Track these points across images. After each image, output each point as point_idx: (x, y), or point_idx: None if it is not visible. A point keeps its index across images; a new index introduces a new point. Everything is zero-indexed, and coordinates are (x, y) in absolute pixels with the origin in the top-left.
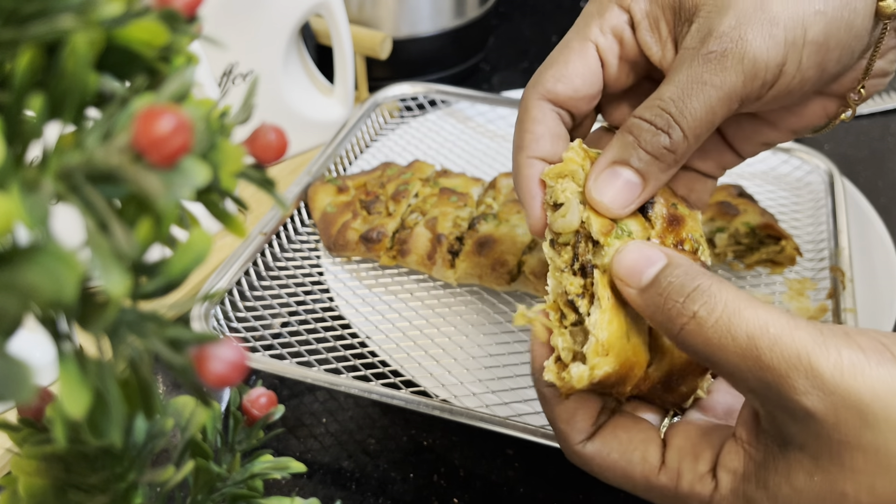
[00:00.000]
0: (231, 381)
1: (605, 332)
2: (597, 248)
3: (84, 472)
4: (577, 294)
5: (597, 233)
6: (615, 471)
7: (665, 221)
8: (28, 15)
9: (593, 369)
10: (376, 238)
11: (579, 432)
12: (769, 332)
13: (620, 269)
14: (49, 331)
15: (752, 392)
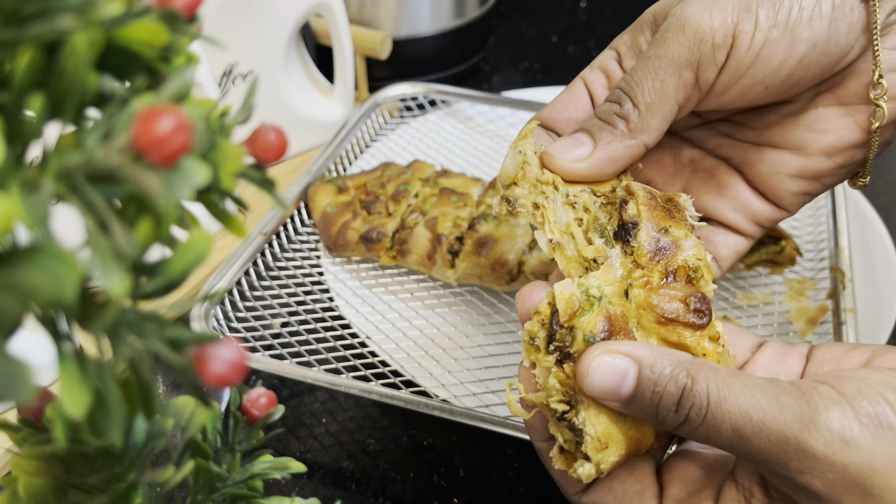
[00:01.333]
0: (231, 381)
1: (596, 426)
2: (569, 332)
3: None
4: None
5: (561, 317)
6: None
7: (650, 254)
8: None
9: (599, 464)
10: (376, 238)
11: (575, 485)
12: (752, 420)
13: (595, 391)
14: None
15: (756, 467)
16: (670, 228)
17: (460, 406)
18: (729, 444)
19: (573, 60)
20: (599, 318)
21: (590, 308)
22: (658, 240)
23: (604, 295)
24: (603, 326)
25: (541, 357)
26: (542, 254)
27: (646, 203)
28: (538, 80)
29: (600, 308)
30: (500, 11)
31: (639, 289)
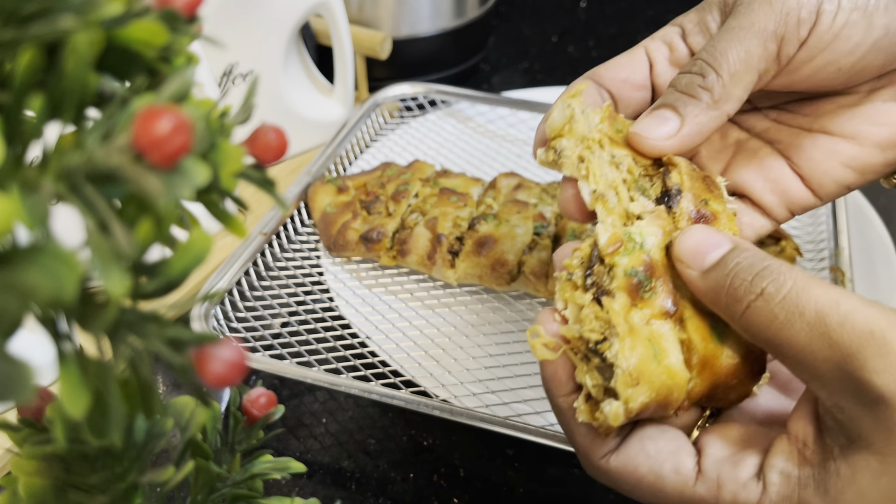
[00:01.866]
0: (231, 381)
1: (629, 359)
2: (608, 270)
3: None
4: (598, 339)
5: (602, 250)
6: (644, 486)
7: (691, 221)
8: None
9: (628, 402)
10: (376, 238)
11: (603, 446)
12: (839, 308)
13: (682, 250)
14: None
15: (817, 379)
16: (709, 201)
17: (460, 406)
18: (807, 330)
19: (573, 60)
20: (641, 259)
21: (631, 251)
22: (699, 210)
23: (645, 242)
24: (644, 267)
25: (577, 294)
26: (541, 254)
27: (688, 174)
28: (538, 80)
29: (641, 252)
30: (500, 11)
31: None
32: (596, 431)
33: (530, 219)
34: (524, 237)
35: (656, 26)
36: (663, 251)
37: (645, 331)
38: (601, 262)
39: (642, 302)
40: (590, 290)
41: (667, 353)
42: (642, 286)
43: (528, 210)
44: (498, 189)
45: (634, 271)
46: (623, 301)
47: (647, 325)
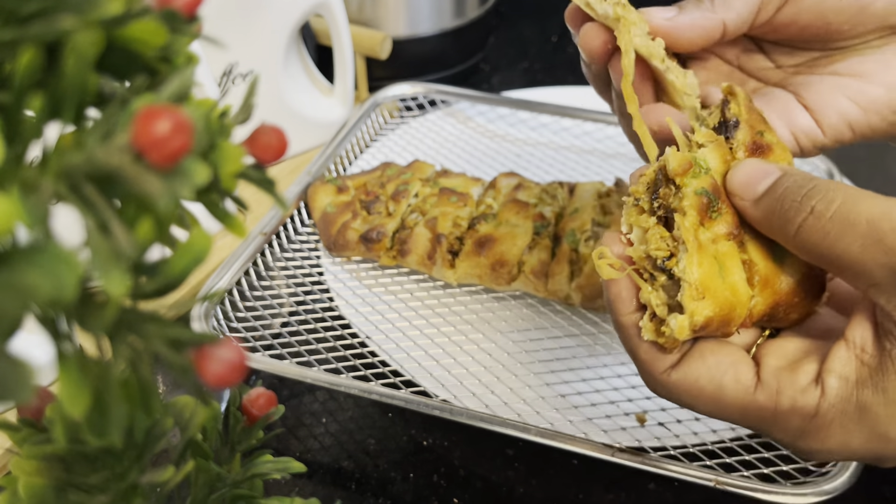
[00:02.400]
0: (231, 381)
1: (695, 273)
2: (676, 191)
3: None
4: (665, 256)
5: (673, 171)
6: (705, 397)
7: (748, 150)
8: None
9: (693, 316)
10: (376, 238)
11: (664, 360)
12: (891, 215)
13: (734, 183)
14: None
15: (874, 286)
16: (765, 133)
17: (460, 406)
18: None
19: (573, 60)
20: (708, 181)
21: (698, 174)
22: (756, 140)
23: (710, 168)
24: (712, 188)
25: (642, 218)
26: (541, 254)
27: (746, 105)
28: (538, 80)
29: (708, 175)
30: (500, 11)
31: None
32: (658, 348)
33: (530, 219)
34: (524, 237)
35: None
36: (723, 178)
37: (711, 249)
38: (667, 185)
39: (709, 222)
40: (656, 212)
41: (730, 271)
42: (711, 206)
43: (528, 210)
44: (498, 189)
45: (704, 191)
46: (693, 219)
47: (713, 244)
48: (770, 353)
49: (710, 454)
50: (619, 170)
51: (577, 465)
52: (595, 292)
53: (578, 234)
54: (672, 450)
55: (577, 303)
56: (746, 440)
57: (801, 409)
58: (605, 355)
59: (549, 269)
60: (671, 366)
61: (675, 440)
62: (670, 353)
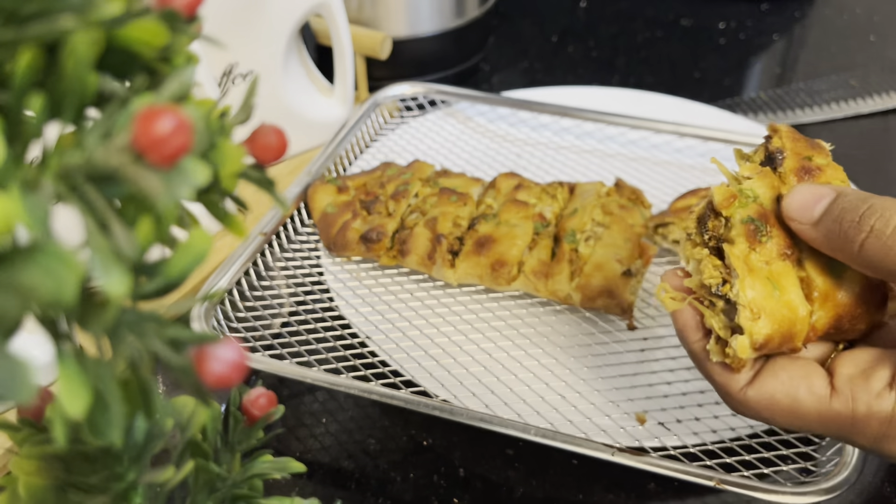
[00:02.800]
0: (231, 381)
1: (748, 295)
2: (725, 222)
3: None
4: (718, 283)
5: (718, 205)
6: (783, 411)
7: (795, 175)
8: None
9: (752, 335)
10: (376, 238)
11: (739, 380)
12: None
13: (790, 208)
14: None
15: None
16: (813, 157)
17: (460, 406)
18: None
19: (573, 60)
20: (755, 208)
21: (745, 203)
22: (804, 165)
23: (757, 196)
24: (759, 215)
25: (696, 251)
26: (541, 254)
27: (789, 136)
28: (538, 80)
29: (755, 203)
30: (500, 11)
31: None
32: (728, 369)
33: (530, 219)
34: (524, 237)
35: (656, 26)
36: (775, 203)
37: (763, 271)
38: (715, 217)
39: (760, 246)
40: (707, 244)
41: (785, 289)
42: (759, 231)
43: (528, 210)
44: (498, 189)
45: (750, 219)
46: (742, 247)
47: (766, 266)
48: (843, 363)
49: (710, 454)
50: (619, 170)
51: (577, 465)
52: (595, 292)
53: (578, 234)
54: (672, 450)
55: (578, 303)
56: (746, 440)
57: (877, 414)
58: (605, 355)
59: (549, 269)
60: (746, 384)
61: (675, 440)
62: (740, 373)
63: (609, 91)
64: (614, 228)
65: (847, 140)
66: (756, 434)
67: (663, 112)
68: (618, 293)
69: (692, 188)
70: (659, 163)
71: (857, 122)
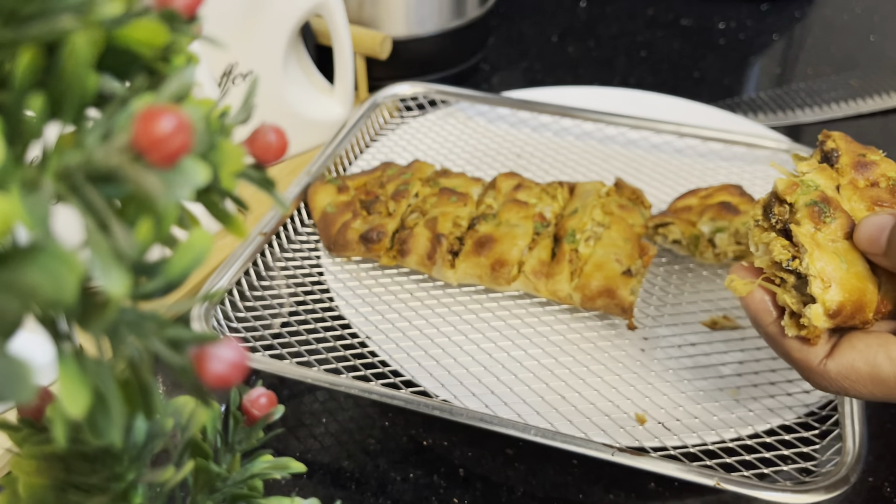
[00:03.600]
0: (231, 381)
1: (818, 266)
2: (790, 207)
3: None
4: (788, 258)
5: (781, 192)
6: (864, 379)
7: (853, 168)
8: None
9: (825, 303)
10: (376, 238)
11: (817, 353)
12: None
13: (861, 243)
14: (49, 331)
15: None
16: (867, 154)
17: (460, 406)
18: None
19: (573, 60)
20: (817, 193)
21: (807, 191)
22: (859, 160)
23: (818, 185)
24: (821, 198)
25: (764, 235)
26: (541, 254)
27: (842, 139)
28: (538, 80)
29: (817, 190)
30: (500, 11)
31: (847, 190)
32: (808, 344)
33: (530, 219)
34: (524, 237)
35: (656, 26)
36: (836, 193)
37: (830, 247)
38: (780, 205)
39: (825, 226)
40: (775, 227)
41: (853, 262)
42: (823, 213)
43: (528, 210)
44: (498, 189)
45: (814, 202)
46: (808, 226)
47: (832, 243)
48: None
49: (710, 454)
50: (619, 170)
51: (577, 465)
52: (595, 292)
53: (578, 234)
54: (672, 450)
55: (578, 303)
56: (746, 440)
57: None
58: (605, 355)
59: (549, 269)
60: (825, 356)
61: (675, 440)
62: (818, 346)
63: (609, 91)
64: (614, 228)
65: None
66: (756, 434)
67: (663, 112)
68: (618, 293)
69: (692, 188)
70: (659, 163)
71: (857, 122)
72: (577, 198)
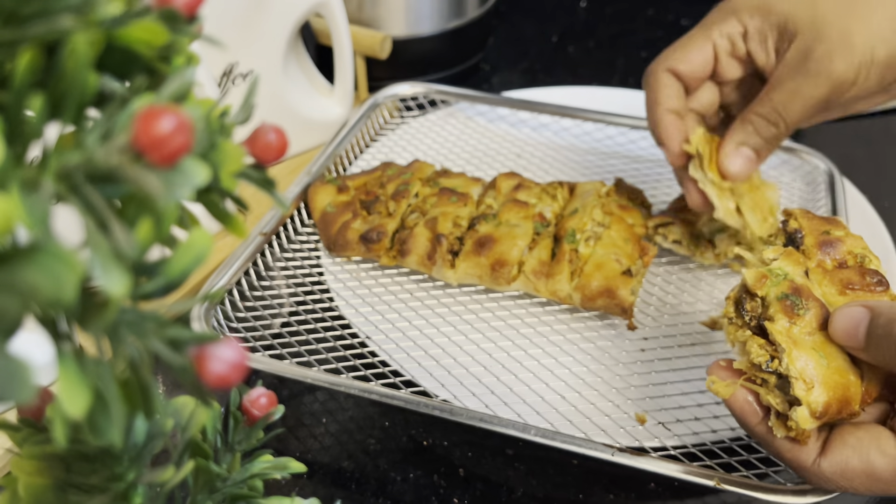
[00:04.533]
0: (231, 381)
1: (797, 367)
2: (762, 301)
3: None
4: (766, 359)
5: (751, 286)
6: (860, 477)
7: (818, 248)
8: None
9: (810, 404)
10: (376, 238)
11: (809, 453)
12: None
13: (837, 336)
14: (49, 331)
15: None
16: (830, 231)
17: (460, 406)
18: None
19: (573, 60)
20: (787, 284)
21: (777, 282)
22: (824, 239)
23: (787, 273)
24: (792, 290)
25: (739, 333)
26: (541, 254)
27: (804, 216)
28: (538, 80)
29: (786, 280)
30: (500, 11)
31: (816, 274)
32: (798, 442)
33: (530, 219)
34: (524, 237)
35: (656, 26)
36: (804, 277)
37: (808, 342)
38: (752, 299)
39: (799, 319)
40: (749, 324)
41: (833, 356)
42: (796, 305)
43: (528, 210)
44: (498, 189)
45: (785, 295)
46: (782, 322)
47: (809, 337)
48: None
49: (710, 454)
50: (619, 170)
51: (577, 465)
52: (595, 292)
53: (578, 234)
54: (672, 450)
55: (578, 303)
56: (746, 440)
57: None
58: (605, 355)
59: (549, 269)
60: (818, 455)
61: (675, 440)
62: (808, 445)
63: (609, 91)
64: (614, 228)
65: (847, 140)
66: None
67: None
68: (618, 293)
69: None
70: (659, 163)
71: (857, 122)
72: (577, 198)
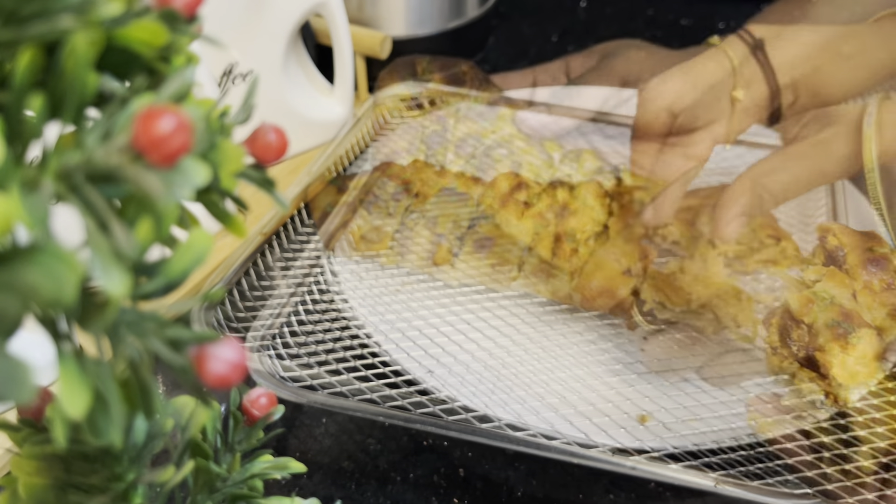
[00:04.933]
0: (231, 381)
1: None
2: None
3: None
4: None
5: (797, 313)
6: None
7: (862, 268)
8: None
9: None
10: (376, 238)
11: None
12: None
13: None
14: (49, 331)
15: None
16: (874, 248)
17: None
18: None
19: None
20: (836, 309)
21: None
22: (870, 257)
23: (833, 297)
24: (842, 315)
25: (786, 364)
26: (542, 254)
27: (843, 232)
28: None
29: (833, 305)
30: (500, 11)
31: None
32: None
33: (530, 219)
34: (524, 237)
35: (656, 26)
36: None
37: (863, 373)
38: (798, 326)
39: (851, 348)
40: (797, 355)
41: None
42: (848, 333)
43: (528, 210)
44: (498, 189)
45: (836, 322)
46: (836, 353)
47: (865, 367)
48: None
49: (711, 454)
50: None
51: (577, 465)
52: (595, 292)
53: (578, 234)
54: (673, 450)
55: (578, 303)
56: (747, 440)
57: None
58: (605, 355)
59: (549, 269)
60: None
61: (675, 440)
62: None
63: (609, 91)
64: (614, 228)
65: None
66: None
67: None
68: (618, 293)
69: (692, 188)
70: None
71: None
72: (577, 198)
